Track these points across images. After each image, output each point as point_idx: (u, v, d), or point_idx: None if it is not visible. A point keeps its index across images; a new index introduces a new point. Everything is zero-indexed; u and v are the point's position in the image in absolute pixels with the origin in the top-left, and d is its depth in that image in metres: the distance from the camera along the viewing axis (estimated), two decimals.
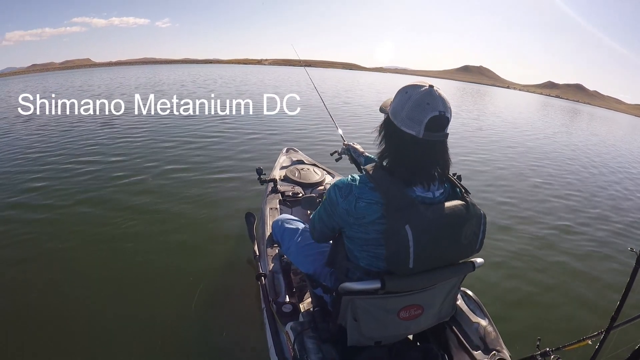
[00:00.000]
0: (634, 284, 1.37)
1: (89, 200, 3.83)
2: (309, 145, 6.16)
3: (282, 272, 1.74)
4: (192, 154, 5.71)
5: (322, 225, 1.14)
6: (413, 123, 0.93)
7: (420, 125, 0.93)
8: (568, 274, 2.87)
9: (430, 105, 0.92)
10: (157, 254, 2.83)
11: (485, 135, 9.40)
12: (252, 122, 8.71)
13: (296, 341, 1.19)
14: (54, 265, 2.71)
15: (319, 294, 1.35)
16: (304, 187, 2.59)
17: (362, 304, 1.02)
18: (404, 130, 0.95)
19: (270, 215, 2.22)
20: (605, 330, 1.40)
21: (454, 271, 1.04)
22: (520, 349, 1.69)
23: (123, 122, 8.54)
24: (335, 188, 1.03)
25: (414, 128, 0.93)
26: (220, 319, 2.19)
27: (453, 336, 1.34)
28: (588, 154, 8.63)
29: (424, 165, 0.97)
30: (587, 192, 5.08)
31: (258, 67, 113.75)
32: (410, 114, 0.94)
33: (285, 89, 17.67)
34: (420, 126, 0.93)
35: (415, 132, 0.93)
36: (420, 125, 0.92)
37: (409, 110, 0.94)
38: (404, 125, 0.95)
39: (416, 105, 0.93)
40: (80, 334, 2.04)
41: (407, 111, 0.94)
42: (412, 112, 0.94)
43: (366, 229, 0.98)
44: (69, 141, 6.68)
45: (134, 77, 27.01)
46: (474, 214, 0.98)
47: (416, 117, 0.93)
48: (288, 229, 1.60)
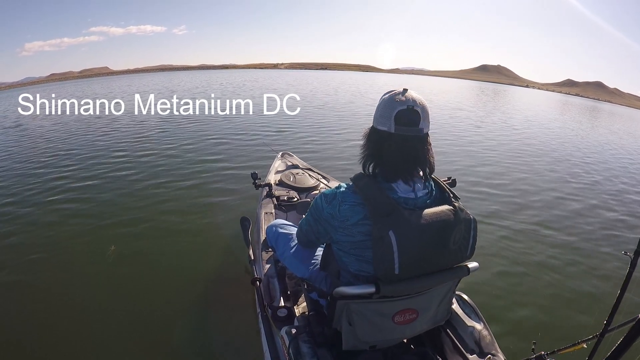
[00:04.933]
0: (629, 287, 1.37)
1: (83, 206, 3.82)
2: (305, 148, 6.18)
3: (277, 277, 1.74)
4: (187, 157, 5.71)
5: (308, 229, 1.17)
6: (384, 119, 0.99)
7: (390, 119, 0.97)
8: (563, 278, 2.87)
9: (399, 102, 0.98)
10: (151, 258, 2.82)
11: (483, 133, 9.35)
12: (251, 123, 8.72)
13: (291, 345, 1.18)
14: (49, 267, 2.70)
15: (314, 298, 1.35)
16: (299, 192, 2.59)
17: (357, 308, 1.01)
18: (378, 128, 1.00)
19: (265, 220, 2.22)
20: (600, 333, 1.40)
21: (449, 275, 1.04)
22: (516, 352, 1.69)
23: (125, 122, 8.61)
24: (322, 195, 1.08)
25: (386, 124, 0.98)
26: (216, 323, 2.18)
27: (448, 340, 1.33)
28: (586, 155, 8.54)
29: (402, 162, 0.99)
30: (585, 195, 5.10)
31: (274, 71, 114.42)
32: (382, 112, 1.00)
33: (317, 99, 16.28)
34: (390, 121, 0.97)
35: (387, 128, 0.98)
36: (390, 119, 0.97)
37: (381, 109, 1.00)
38: (379, 124, 1.00)
39: (387, 102, 1.00)
40: (78, 341, 2.03)
41: (380, 110, 1.01)
42: (383, 110, 1.00)
43: (351, 232, 1.00)
44: (63, 143, 6.68)
45: (184, 81, 28.14)
46: (463, 219, 0.98)
47: (386, 114, 0.98)
48: (282, 234, 1.60)
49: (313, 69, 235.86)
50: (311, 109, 11.73)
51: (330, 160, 5.69)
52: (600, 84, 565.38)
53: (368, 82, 34.52)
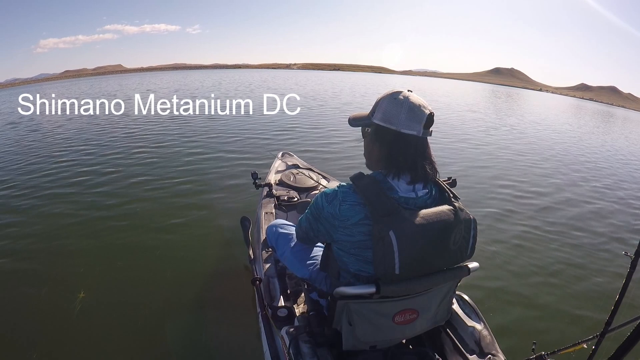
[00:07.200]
0: (629, 288, 1.37)
1: (82, 207, 3.82)
2: (305, 148, 6.17)
3: (278, 277, 1.74)
4: (187, 157, 5.71)
5: (307, 226, 1.17)
6: (414, 124, 0.99)
7: (420, 124, 0.99)
8: (563, 278, 2.87)
9: (423, 107, 1.00)
10: (151, 257, 2.81)
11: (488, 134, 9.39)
12: (250, 124, 8.71)
13: (291, 345, 1.18)
14: (48, 264, 2.72)
15: (315, 298, 1.35)
16: (299, 192, 2.59)
17: (357, 308, 1.01)
18: (404, 132, 1.00)
19: (266, 220, 2.22)
20: (600, 334, 1.40)
21: (449, 275, 1.04)
22: (516, 353, 1.69)
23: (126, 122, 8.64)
24: (323, 194, 1.07)
25: (415, 128, 0.99)
26: (216, 323, 2.18)
27: (448, 340, 1.33)
28: (587, 157, 8.55)
29: (420, 163, 1.02)
30: (584, 195, 5.10)
31: (288, 71, 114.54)
32: (410, 115, 0.99)
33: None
34: (420, 125, 0.99)
35: (416, 132, 0.99)
36: (420, 124, 0.99)
37: (407, 112, 1.00)
38: (406, 128, 0.99)
39: (412, 107, 1.00)
40: (77, 341, 2.03)
41: (405, 114, 0.99)
42: (411, 114, 0.99)
43: (351, 231, 1.00)
44: (55, 140, 6.72)
45: (198, 80, 28.34)
46: (463, 219, 0.98)
47: (416, 118, 0.99)
48: (282, 234, 1.60)
49: (326, 70, 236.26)
50: (312, 109, 11.76)
51: (330, 160, 5.69)
52: (614, 89, 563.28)
53: (381, 84, 34.26)
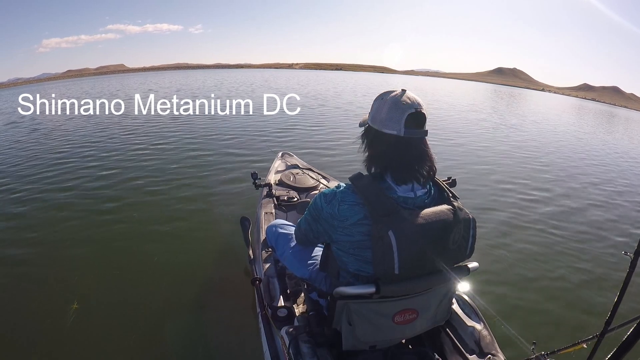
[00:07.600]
0: (629, 287, 1.37)
1: (82, 206, 3.82)
2: (305, 148, 6.17)
3: (277, 277, 1.74)
4: (187, 157, 5.71)
5: (307, 228, 1.16)
6: (393, 123, 0.97)
7: (399, 123, 0.96)
8: (563, 278, 2.87)
9: (406, 105, 0.97)
10: (151, 257, 2.81)
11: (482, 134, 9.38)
12: (250, 124, 8.71)
13: (291, 345, 1.18)
14: (48, 263, 2.73)
15: (314, 298, 1.35)
16: (299, 192, 2.59)
17: (357, 308, 1.01)
18: (385, 132, 0.98)
19: (265, 220, 2.22)
20: (600, 333, 1.40)
21: (449, 275, 1.03)
22: (515, 352, 1.69)
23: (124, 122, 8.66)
24: (321, 195, 1.06)
25: (395, 127, 0.97)
26: (215, 323, 2.18)
27: (448, 340, 1.33)
28: (588, 157, 8.53)
29: (410, 164, 0.99)
30: (585, 197, 5.10)
31: (290, 71, 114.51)
32: (389, 114, 0.97)
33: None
34: (400, 124, 0.96)
35: (396, 131, 0.97)
36: (400, 123, 0.96)
37: (387, 111, 0.98)
38: (385, 127, 0.98)
39: (393, 105, 0.98)
40: (77, 340, 2.02)
41: (385, 113, 0.98)
42: (390, 112, 0.97)
43: (350, 231, 0.99)
44: (55, 140, 6.72)
45: (199, 80, 28.26)
46: (462, 218, 0.98)
47: (395, 117, 0.97)
48: (282, 234, 1.60)
49: (328, 70, 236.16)
50: (313, 109, 11.75)
51: (330, 160, 5.69)
52: (616, 89, 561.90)
53: (383, 84, 34.30)
